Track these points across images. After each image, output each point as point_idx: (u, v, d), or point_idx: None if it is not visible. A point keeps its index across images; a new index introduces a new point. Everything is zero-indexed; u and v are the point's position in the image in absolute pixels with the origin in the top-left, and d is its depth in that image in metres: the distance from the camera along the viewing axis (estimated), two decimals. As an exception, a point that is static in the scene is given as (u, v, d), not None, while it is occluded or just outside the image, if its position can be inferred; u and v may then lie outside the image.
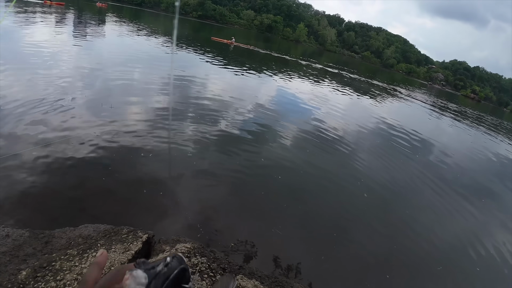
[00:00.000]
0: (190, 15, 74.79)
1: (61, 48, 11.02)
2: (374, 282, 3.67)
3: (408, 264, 4.21)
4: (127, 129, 5.64)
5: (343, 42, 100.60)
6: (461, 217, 5.94)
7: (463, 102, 51.74)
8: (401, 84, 43.40)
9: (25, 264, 2.30)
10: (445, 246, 4.93)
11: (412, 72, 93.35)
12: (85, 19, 22.88)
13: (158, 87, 8.82)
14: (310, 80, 18.97)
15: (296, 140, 7.39)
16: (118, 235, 2.83)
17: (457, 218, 5.89)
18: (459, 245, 5.06)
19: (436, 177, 7.53)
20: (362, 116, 11.96)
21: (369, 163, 7.12)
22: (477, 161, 10.92)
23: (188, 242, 2.99)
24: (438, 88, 77.43)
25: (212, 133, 6.45)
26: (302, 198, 5.02)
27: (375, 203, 5.54)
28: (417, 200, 6.16)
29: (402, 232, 4.87)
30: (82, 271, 2.20)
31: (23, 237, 2.69)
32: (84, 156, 4.50)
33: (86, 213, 3.44)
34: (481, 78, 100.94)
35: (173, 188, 4.34)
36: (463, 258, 4.73)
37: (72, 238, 2.76)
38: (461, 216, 5.99)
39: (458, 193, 6.93)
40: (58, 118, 5.40)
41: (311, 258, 3.76)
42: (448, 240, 5.14)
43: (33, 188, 3.62)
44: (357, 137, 8.95)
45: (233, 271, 2.82)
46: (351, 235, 4.43)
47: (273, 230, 4.04)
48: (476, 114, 32.43)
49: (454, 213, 6.00)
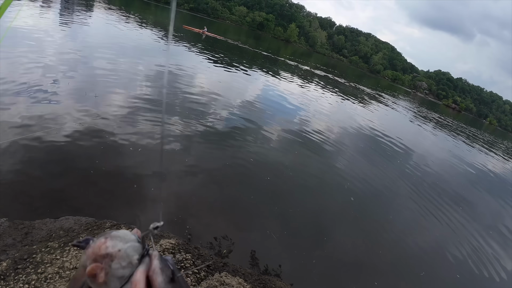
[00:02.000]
0: (181, 6, 73.68)
1: (46, 33, 10.65)
2: (362, 283, 3.77)
3: (394, 270, 4.33)
4: (109, 120, 5.53)
5: (332, 45, 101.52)
6: (441, 223, 6.16)
7: (444, 111, 53.31)
8: (386, 90, 44.27)
9: (5, 255, 2.24)
10: (427, 251, 5.11)
11: (397, 79, 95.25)
12: (73, 3, 22.18)
13: (144, 78, 8.67)
14: (298, 80, 19.08)
15: (283, 140, 7.44)
16: (100, 228, 2.80)
17: (437, 224, 6.10)
18: (440, 250, 5.25)
19: (418, 183, 7.75)
20: (348, 120, 12.14)
21: (354, 168, 7.26)
22: (455, 169, 11.30)
23: (172, 238, 2.98)
24: (421, 96, 79.39)
25: (198, 129, 6.41)
26: (288, 199, 5.07)
27: (361, 207, 5.66)
28: (400, 206, 6.35)
29: (386, 238, 5.00)
30: (64, 265, 2.16)
31: (2, 226, 2.62)
32: (66, 146, 4.39)
33: (67, 205, 3.36)
34: (463, 89, 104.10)
35: (157, 182, 4.29)
36: (444, 264, 4.92)
37: (53, 230, 2.70)
38: (441, 221, 6.21)
39: (437, 200, 7.17)
40: (41, 106, 5.23)
41: (293, 257, 3.82)
42: (429, 245, 5.33)
43: (12, 176, 3.51)
44: (343, 141, 9.09)
45: (217, 268, 2.83)
46: (335, 238, 4.53)
47: (257, 228, 4.08)
48: (456, 124, 33.47)
49: (434, 219, 6.21)
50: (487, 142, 26.83)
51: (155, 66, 10.40)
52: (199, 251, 2.99)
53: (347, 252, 4.32)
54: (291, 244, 4.03)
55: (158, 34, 19.21)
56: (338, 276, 3.83)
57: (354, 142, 9.47)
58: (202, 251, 3.03)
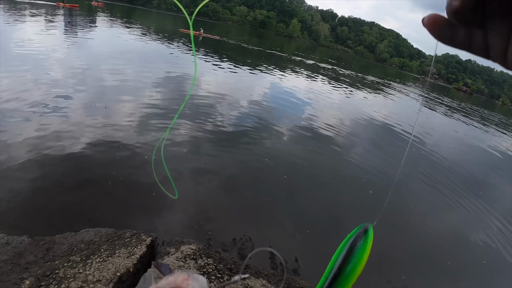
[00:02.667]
0: (182, 12, 73.92)
1: (53, 49, 10.81)
2: (390, 278, 3.67)
3: (420, 262, 4.21)
4: (121, 130, 5.55)
5: (336, 37, 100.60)
6: (462, 209, 5.99)
7: (456, 95, 52.15)
8: (394, 78, 43.61)
9: (27, 273, 2.24)
10: (450, 239, 4.98)
11: (405, 66, 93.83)
12: (76, 19, 22.52)
13: (151, 86, 8.70)
14: (304, 76, 18.92)
15: (295, 137, 7.35)
16: (121, 239, 2.78)
17: (458, 210, 5.93)
18: (463, 237, 5.10)
19: (435, 170, 7.57)
20: (358, 112, 11.96)
21: (369, 160, 7.13)
22: (471, 153, 11.02)
23: (193, 244, 2.95)
24: (431, 82, 77.83)
25: (210, 131, 6.38)
26: (306, 196, 5.00)
27: (380, 200, 5.54)
28: (419, 195, 6.20)
29: (408, 229, 4.89)
30: (87, 278, 2.15)
31: (23, 244, 2.62)
32: (81, 159, 4.42)
33: (86, 217, 3.37)
34: (473, 71, 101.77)
35: (171, 189, 4.27)
36: (468, 251, 4.78)
37: (74, 243, 2.70)
38: (462, 207, 6.04)
39: (457, 186, 6.96)
40: (53, 122, 5.28)
41: (316, 255, 3.75)
42: (452, 233, 5.19)
43: (30, 193, 3.54)
44: (355, 133, 8.95)
45: (239, 271, 2.78)
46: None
47: (277, 228, 4.02)
48: (469, 107, 32.69)
49: (454, 206, 6.04)
50: (501, 123, 26.10)
51: (162, 73, 10.43)
52: (220, 255, 2.95)
53: (372, 248, 4.22)
54: (313, 242, 3.95)
55: (162, 41, 19.34)
56: (364, 272, 3.73)
57: (366, 133, 9.32)
58: (223, 255, 2.99)
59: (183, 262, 2.57)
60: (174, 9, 74.32)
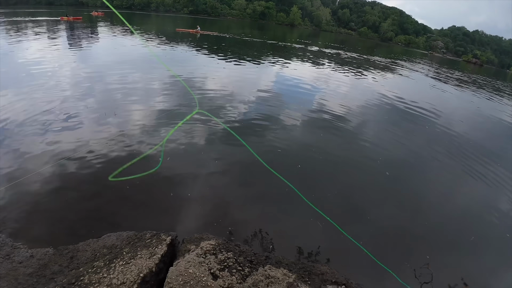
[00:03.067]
0: (181, 12, 74.11)
1: (59, 64, 10.99)
2: (413, 258, 3.63)
3: (443, 240, 4.13)
4: (133, 134, 5.62)
5: (338, 21, 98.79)
6: (480, 182, 5.84)
7: (466, 67, 50.60)
8: (401, 56, 42.60)
9: (53, 283, 2.29)
10: (471, 214, 4.88)
11: (411, 43, 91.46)
12: (78, 31, 22.78)
13: (159, 88, 8.76)
14: (309, 63, 18.69)
15: (306, 124, 7.29)
16: (141, 240, 2.82)
17: (476, 184, 5.78)
18: (484, 213, 4.97)
19: (450, 146, 7.39)
20: (367, 94, 11.76)
21: (383, 141, 7.02)
22: (486, 125, 10.71)
23: (212, 239, 2.97)
24: (439, 57, 75.79)
25: (220, 126, 6.39)
26: (323, 183, 4.96)
27: (398, 180, 5.47)
28: (437, 172, 6.07)
29: (429, 207, 4.80)
30: (112, 282, 2.19)
31: (47, 255, 2.69)
32: (96, 166, 4.49)
33: (106, 222, 3.44)
34: (481, 42, 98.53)
35: (187, 186, 4.31)
36: (491, 224, 4.66)
37: (96, 249, 2.76)
38: (480, 181, 5.88)
39: (474, 160, 6.79)
40: (65, 133, 5.39)
41: (336, 241, 3.72)
42: (473, 207, 5.08)
43: (49, 204, 3.63)
44: (366, 115, 8.81)
45: (260, 262, 2.79)
46: (378, 215, 4.35)
47: (295, 217, 4.01)
48: (480, 79, 31.72)
49: (473, 180, 5.89)
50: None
51: (166, 75, 10.47)
52: (240, 248, 2.96)
53: (393, 228, 4.17)
54: (332, 228, 3.93)
55: (164, 43, 19.39)
56: (386, 254, 3.70)
57: (377, 115, 9.16)
58: (243, 248, 3.00)
59: (204, 258, 2.59)
60: (173, 10, 74.39)
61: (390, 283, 3.22)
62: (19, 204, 3.56)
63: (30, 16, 31.42)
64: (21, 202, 3.59)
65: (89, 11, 46.10)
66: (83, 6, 73.57)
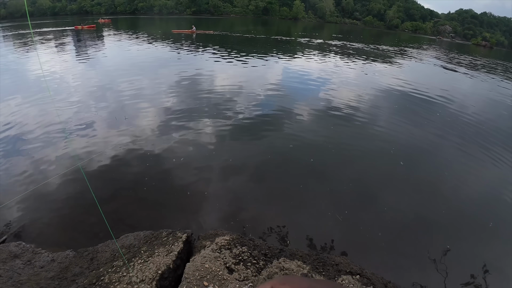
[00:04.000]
0: (184, 13, 74.34)
1: (67, 72, 11.22)
2: (433, 247, 3.61)
3: (461, 227, 4.08)
4: (146, 137, 5.72)
5: (342, 11, 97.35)
6: (496, 167, 5.74)
7: (475, 51, 49.34)
8: (409, 43, 41.80)
9: (74, 285, 2.38)
10: (489, 200, 4.80)
11: (418, 29, 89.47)
12: (84, 39, 23.13)
13: (167, 90, 8.85)
14: (316, 55, 18.54)
15: (316, 118, 7.28)
16: (158, 239, 2.89)
17: (492, 169, 5.69)
18: (501, 196, 4.90)
19: (464, 132, 7.28)
20: (376, 83, 11.62)
21: (395, 130, 6.95)
22: (499, 110, 10.44)
23: (227, 234, 3.03)
24: (448, 41, 73.91)
25: (230, 124, 6.45)
26: (337, 176, 4.97)
27: (412, 169, 5.41)
28: (451, 159, 5.98)
29: (446, 195, 4.75)
30: (131, 280, 2.26)
31: (68, 258, 2.79)
32: (112, 170, 4.61)
33: (124, 223, 3.53)
34: (490, 23, 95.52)
35: (201, 185, 4.38)
36: (509, 209, 4.59)
37: (115, 249, 2.84)
38: (496, 166, 5.78)
39: (489, 145, 6.67)
40: (80, 139, 5.53)
41: (351, 232, 3.74)
42: (489, 193, 5.00)
43: (68, 209, 3.74)
44: (376, 105, 8.72)
45: (274, 255, 2.83)
46: (394, 206, 4.33)
47: (308, 210, 4.03)
48: (490, 62, 30.91)
49: (488, 165, 5.80)
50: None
51: (174, 78, 10.55)
52: (254, 242, 3.01)
53: (410, 217, 4.14)
54: (347, 219, 3.94)
55: (169, 45, 19.53)
56: (403, 242, 3.69)
57: (388, 104, 9.06)
58: (257, 242, 3.04)
59: (219, 253, 2.65)
60: (176, 11, 74.64)
61: (407, 271, 3.22)
62: (38, 210, 3.68)
63: (37, 28, 32.01)
64: (40, 208, 3.71)
65: (93, 19, 46.62)
66: (87, 15, 74.55)
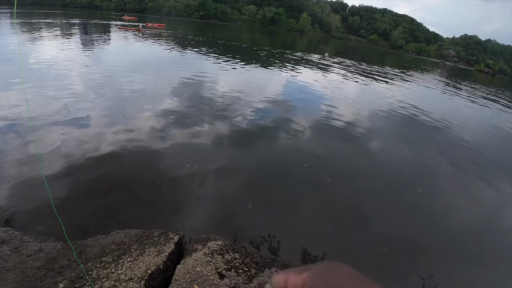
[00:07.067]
0: (192, 16, 74.96)
1: (71, 63, 11.22)
2: (420, 269, 3.58)
3: (454, 251, 4.06)
4: (142, 136, 5.68)
5: (348, 28, 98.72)
6: (495, 192, 5.77)
7: (478, 77, 49.98)
8: (412, 64, 42.35)
9: (61, 276, 2.32)
10: (485, 228, 4.79)
11: (422, 51, 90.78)
12: (91, 30, 23.20)
13: (167, 91, 8.85)
14: (318, 70, 18.69)
15: (315, 131, 7.27)
16: (150, 238, 2.84)
17: (491, 193, 5.72)
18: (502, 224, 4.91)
19: (464, 157, 7.32)
20: (376, 102, 11.71)
21: (393, 151, 7.01)
22: (499, 136, 10.56)
23: (219, 240, 2.98)
24: (451, 65, 74.96)
25: (229, 130, 6.43)
26: (332, 189, 4.91)
27: (409, 191, 5.38)
28: (450, 183, 5.98)
29: (438, 219, 4.71)
30: (120, 277, 2.21)
31: (56, 249, 2.73)
32: (107, 166, 4.55)
33: (115, 220, 3.47)
34: (494, 51, 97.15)
35: (195, 188, 4.34)
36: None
37: (105, 245, 2.78)
38: (494, 191, 5.81)
39: (487, 170, 6.70)
40: (77, 132, 5.48)
41: (341, 246, 3.71)
42: (488, 220, 5.00)
43: (61, 201, 3.67)
44: (375, 124, 8.77)
45: (266, 264, 2.79)
46: (385, 224, 4.32)
47: (302, 221, 4.00)
48: (492, 89, 31.30)
49: (487, 189, 5.83)
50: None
51: (174, 77, 10.57)
52: (247, 249, 2.96)
53: (406, 238, 4.12)
54: (340, 233, 3.91)
55: (171, 45, 19.62)
56: (393, 262, 3.66)
57: (387, 124, 9.09)
58: (250, 250, 3.00)
59: (211, 257, 2.60)
60: (184, 14, 75.25)
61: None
62: (29, 199, 3.62)
63: (49, 18, 32.05)
64: (31, 197, 3.65)
65: (103, 14, 46.88)
66: (97, 9, 74.96)
